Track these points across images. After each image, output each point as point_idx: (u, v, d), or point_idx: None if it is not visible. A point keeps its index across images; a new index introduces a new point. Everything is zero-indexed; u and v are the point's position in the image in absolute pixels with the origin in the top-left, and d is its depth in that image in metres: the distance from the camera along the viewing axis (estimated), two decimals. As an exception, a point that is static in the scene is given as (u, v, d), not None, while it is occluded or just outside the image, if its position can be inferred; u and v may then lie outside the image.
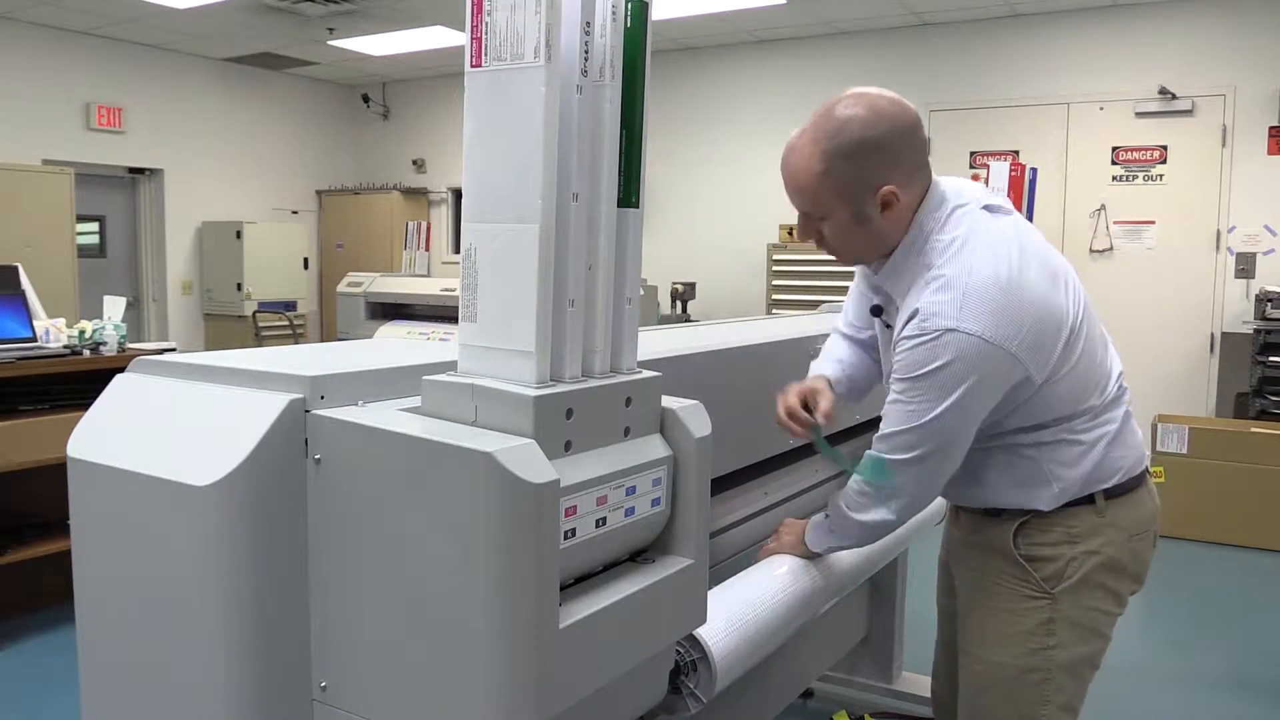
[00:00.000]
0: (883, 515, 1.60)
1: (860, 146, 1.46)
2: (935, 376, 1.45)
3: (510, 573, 0.96)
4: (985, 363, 1.44)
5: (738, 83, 7.84)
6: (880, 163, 1.47)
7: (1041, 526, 1.61)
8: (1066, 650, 1.60)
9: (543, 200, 1.01)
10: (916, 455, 1.51)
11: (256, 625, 1.05)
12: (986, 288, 1.44)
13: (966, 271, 1.45)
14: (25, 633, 3.50)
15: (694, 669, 1.43)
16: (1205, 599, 3.99)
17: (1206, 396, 6.32)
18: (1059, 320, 1.50)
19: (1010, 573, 1.64)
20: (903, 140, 1.48)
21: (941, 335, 1.43)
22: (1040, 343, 1.47)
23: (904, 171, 1.49)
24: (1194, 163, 6.33)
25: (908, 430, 1.50)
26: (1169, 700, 3.07)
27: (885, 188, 1.48)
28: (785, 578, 1.73)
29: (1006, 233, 1.53)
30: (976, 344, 1.42)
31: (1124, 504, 1.61)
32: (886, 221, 1.52)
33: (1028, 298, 1.46)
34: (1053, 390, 1.53)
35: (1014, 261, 1.47)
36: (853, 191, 1.49)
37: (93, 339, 3.67)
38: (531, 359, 1.04)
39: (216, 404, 1.11)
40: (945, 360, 1.43)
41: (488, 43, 1.03)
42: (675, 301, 7.40)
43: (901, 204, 1.50)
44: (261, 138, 9.09)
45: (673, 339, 1.87)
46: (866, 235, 1.54)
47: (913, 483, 1.56)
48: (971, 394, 1.45)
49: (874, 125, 1.46)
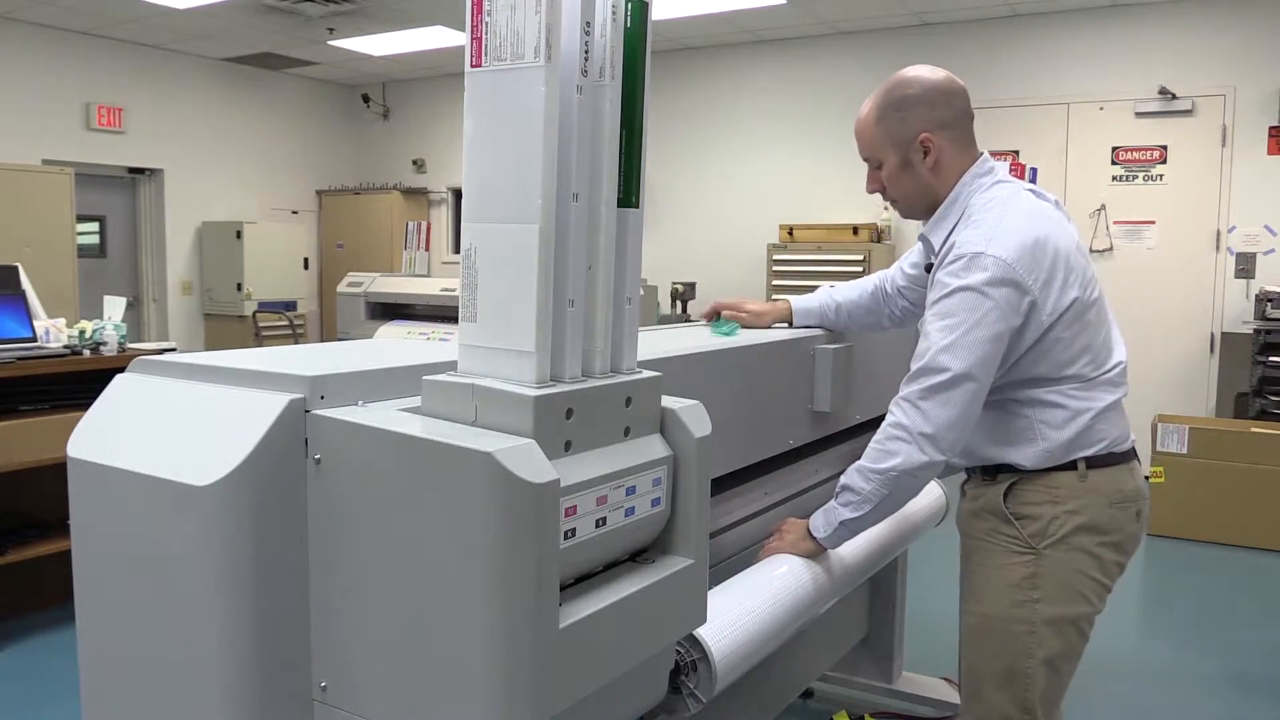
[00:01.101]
0: (912, 455, 1.63)
1: (905, 99, 1.75)
2: (964, 295, 1.62)
3: (510, 573, 0.96)
4: (1006, 284, 1.61)
5: (738, 83, 7.84)
6: (921, 114, 1.74)
7: (1028, 486, 1.75)
8: (1049, 606, 1.72)
9: (543, 200, 1.01)
10: (949, 378, 1.61)
11: (256, 625, 1.05)
12: (1015, 229, 1.65)
13: (998, 220, 1.67)
14: (25, 633, 3.51)
15: (694, 669, 1.43)
16: (1205, 599, 3.99)
17: (1206, 396, 6.32)
18: (1074, 280, 1.68)
19: (1002, 531, 1.77)
20: (942, 98, 1.75)
21: (971, 257, 1.63)
22: (1052, 282, 1.65)
23: (942, 124, 1.75)
24: (1194, 163, 6.33)
25: (940, 350, 1.62)
26: (1169, 700, 3.07)
27: (924, 134, 1.74)
28: (785, 578, 1.73)
29: (1045, 207, 1.75)
30: (1001, 265, 1.61)
31: (1105, 474, 1.74)
32: (930, 171, 1.76)
33: (1049, 247, 1.65)
34: (1052, 343, 1.68)
35: (1043, 223, 1.68)
36: (899, 137, 1.76)
37: (93, 339, 3.67)
38: (531, 359, 1.04)
39: (216, 404, 1.11)
40: (973, 278, 1.62)
41: (488, 43, 1.03)
42: (675, 301, 7.40)
43: (943, 155, 1.75)
44: (261, 138, 9.09)
45: (673, 339, 1.88)
46: (914, 182, 1.79)
47: (942, 411, 1.62)
48: (995, 315, 1.61)
49: (916, 84, 1.75)
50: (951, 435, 1.63)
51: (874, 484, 1.68)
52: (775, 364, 1.97)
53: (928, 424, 1.62)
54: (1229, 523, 4.75)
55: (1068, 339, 1.68)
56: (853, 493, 1.71)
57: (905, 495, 1.70)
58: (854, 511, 1.72)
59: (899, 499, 1.71)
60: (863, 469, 1.70)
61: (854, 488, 1.71)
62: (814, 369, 2.09)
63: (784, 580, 1.72)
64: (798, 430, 2.07)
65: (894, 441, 1.65)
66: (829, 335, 2.16)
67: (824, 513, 1.78)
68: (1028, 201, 1.73)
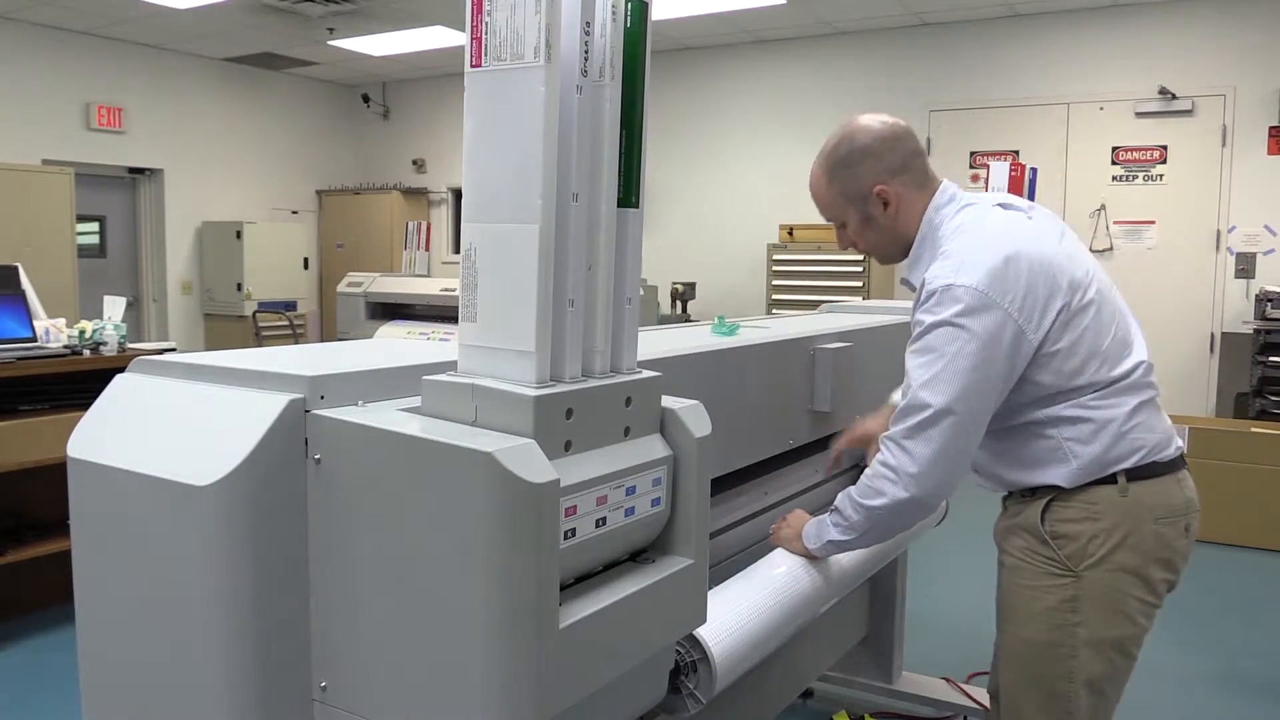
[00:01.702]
0: (897, 494, 1.60)
1: (851, 154, 1.73)
2: (940, 330, 1.58)
3: (510, 573, 0.96)
4: (983, 315, 1.57)
5: (738, 83, 7.84)
6: (869, 167, 1.72)
7: (1066, 504, 1.67)
8: (1091, 629, 1.65)
9: (543, 200, 1.01)
10: (929, 415, 1.57)
11: (256, 625, 1.05)
12: (982, 254, 1.60)
13: (966, 246, 1.63)
14: (25, 633, 3.51)
15: (694, 670, 1.43)
16: (1205, 599, 3.99)
17: (1206, 396, 6.32)
18: (1056, 288, 1.62)
19: (1039, 550, 1.70)
20: (886, 146, 1.72)
21: (942, 291, 1.59)
22: (1030, 297, 1.59)
23: (892, 170, 1.72)
24: (1194, 163, 6.33)
25: (920, 387, 1.58)
26: (1169, 700, 3.08)
27: (878, 186, 1.72)
28: (785, 578, 1.73)
29: (1015, 219, 1.70)
30: (972, 293, 1.57)
31: (1148, 487, 1.66)
32: (892, 218, 1.74)
33: (1021, 263, 1.60)
34: (1055, 358, 1.62)
35: (1012, 239, 1.62)
36: (854, 194, 1.75)
37: (93, 339, 3.67)
38: (531, 359, 1.04)
39: (216, 404, 1.11)
40: (946, 312, 1.58)
41: (488, 43, 1.03)
42: (675, 301, 7.40)
43: (902, 201, 1.73)
44: (261, 138, 9.09)
45: (673, 339, 1.88)
46: (880, 232, 1.77)
47: (925, 449, 1.57)
48: (974, 345, 1.56)
49: (860, 135, 1.73)
50: (937, 472, 1.58)
51: (860, 517, 1.66)
52: (775, 364, 1.97)
53: (913, 463, 1.58)
54: (1229, 523, 4.75)
55: (1067, 348, 1.62)
56: (842, 517, 1.70)
57: (892, 530, 1.68)
58: (842, 535, 1.71)
59: (885, 532, 1.69)
60: (852, 500, 1.67)
61: (843, 513, 1.69)
62: (814, 369, 2.09)
63: (784, 580, 1.72)
64: (798, 430, 2.07)
65: (880, 480, 1.62)
66: (829, 335, 2.16)
67: (817, 524, 1.76)
68: (995, 219, 1.68)
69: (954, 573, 4.20)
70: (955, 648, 3.37)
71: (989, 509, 1.89)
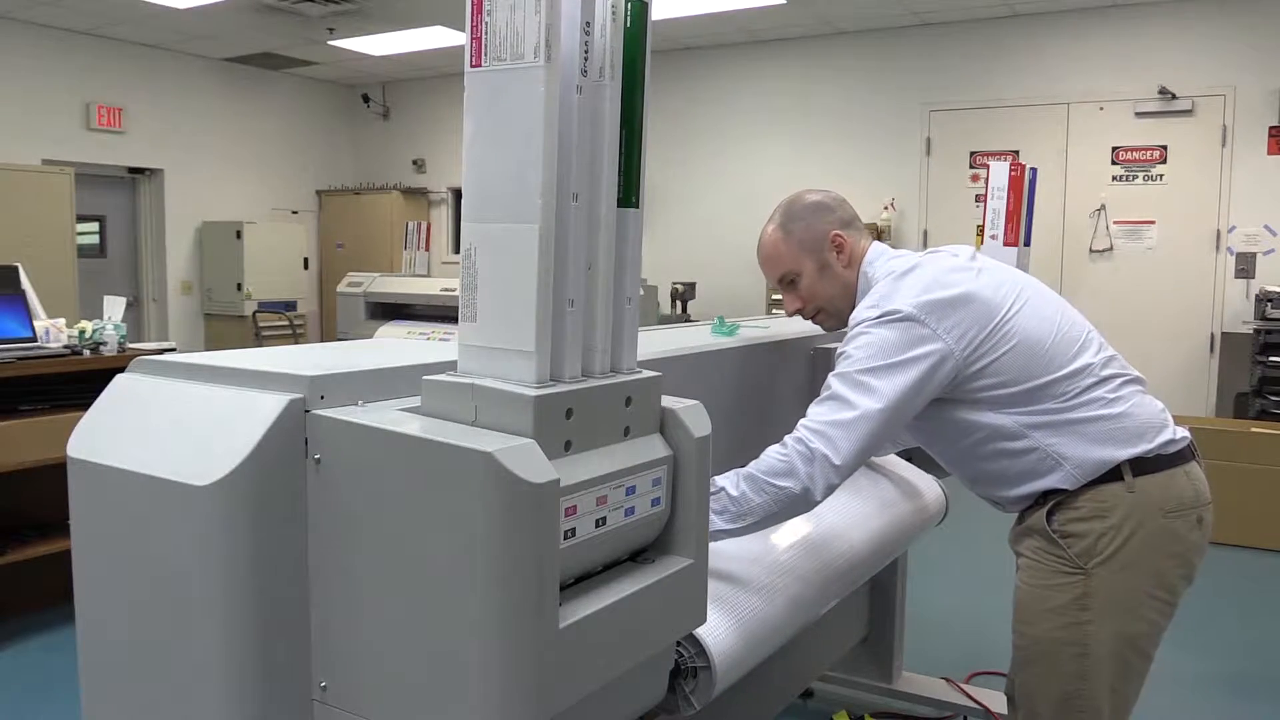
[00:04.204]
0: (811, 480, 1.55)
1: (805, 207, 1.87)
2: (857, 340, 1.66)
3: (510, 573, 0.96)
4: (901, 325, 1.64)
5: (738, 82, 7.84)
6: (824, 216, 1.86)
7: (1073, 503, 1.68)
8: (1103, 626, 1.65)
9: (542, 200, 1.01)
10: (845, 403, 1.59)
11: (256, 625, 1.05)
12: (904, 285, 1.70)
13: (888, 288, 1.72)
14: (25, 633, 3.50)
15: (693, 675, 1.43)
16: (1205, 599, 3.99)
17: (1206, 396, 6.32)
18: (977, 310, 1.67)
19: (1049, 550, 1.71)
20: (834, 202, 1.89)
21: (865, 320, 1.68)
22: (956, 324, 1.65)
23: (842, 222, 1.86)
24: (1194, 163, 6.33)
25: (839, 382, 1.63)
26: (1169, 700, 3.07)
27: (834, 232, 1.84)
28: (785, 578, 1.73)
29: (934, 256, 1.80)
30: (892, 315, 1.65)
31: (1156, 480, 1.66)
32: (845, 268, 1.85)
33: (943, 292, 1.67)
34: (997, 365, 1.67)
35: (930, 271, 1.72)
36: (811, 241, 1.85)
37: (93, 339, 3.67)
38: (531, 359, 1.04)
39: (216, 404, 1.11)
40: (865, 330, 1.66)
41: (488, 43, 1.03)
42: (675, 301, 7.40)
43: (853, 249, 1.85)
44: (261, 138, 9.09)
45: (673, 339, 1.88)
46: (833, 281, 1.86)
47: (852, 446, 1.57)
48: (892, 351, 1.62)
49: (808, 197, 1.89)
50: (854, 463, 1.58)
51: (764, 499, 1.56)
52: (775, 364, 1.97)
53: (837, 455, 1.56)
54: (1229, 523, 4.73)
55: (1008, 353, 1.66)
56: (731, 501, 1.57)
57: (779, 520, 1.61)
58: (728, 524, 1.58)
59: (772, 521, 1.60)
60: (755, 479, 1.57)
61: (735, 495, 1.57)
62: (814, 369, 2.09)
63: (784, 580, 1.71)
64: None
65: (801, 461, 1.56)
66: (829, 335, 2.16)
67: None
68: (922, 262, 1.75)
69: (954, 573, 4.20)
70: (955, 648, 3.37)
71: (988, 509, 1.89)
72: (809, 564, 1.79)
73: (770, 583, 1.70)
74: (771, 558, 1.80)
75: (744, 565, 1.69)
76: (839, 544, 1.90)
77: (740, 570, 1.71)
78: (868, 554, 1.98)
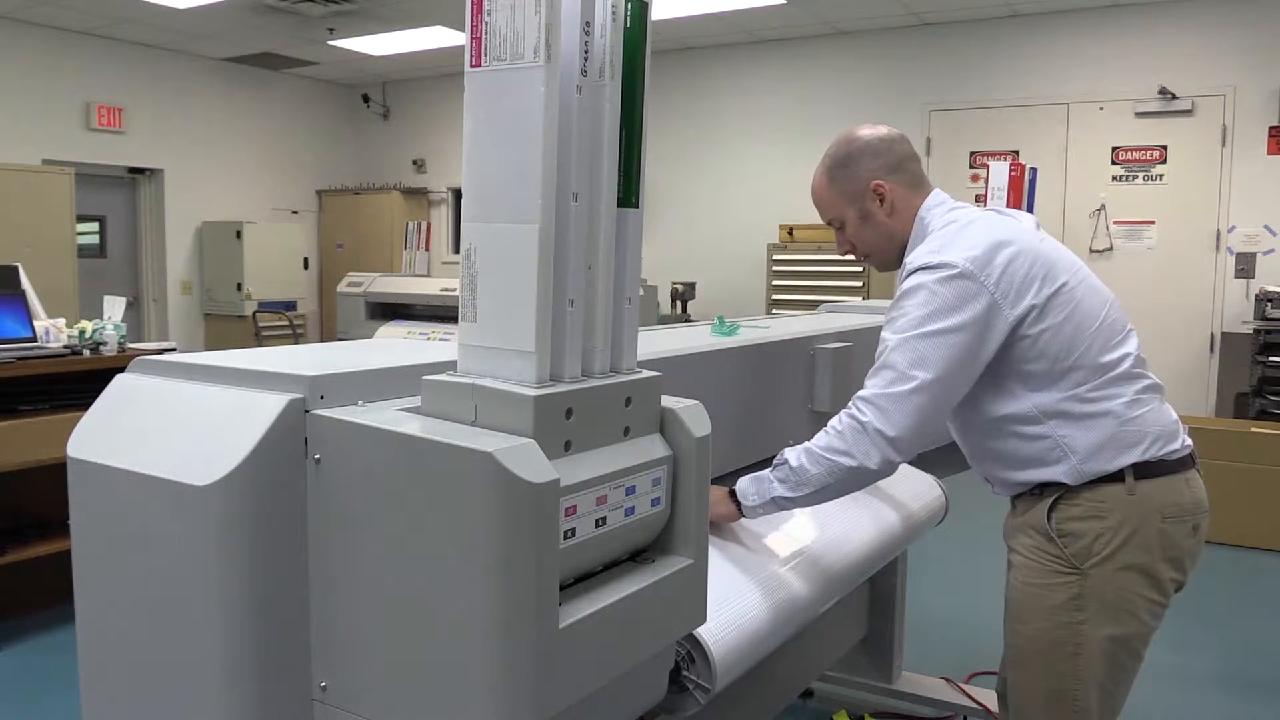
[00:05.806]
0: (868, 454, 1.58)
1: (849, 154, 1.84)
2: (913, 296, 1.64)
3: (510, 573, 0.96)
4: (956, 283, 1.62)
5: (738, 82, 7.84)
6: (866, 164, 1.82)
7: (1073, 502, 1.68)
8: (1096, 628, 1.66)
9: (542, 200, 1.01)
10: (898, 374, 1.60)
11: (256, 625, 1.05)
12: (965, 241, 1.68)
13: (950, 236, 1.71)
14: (25, 633, 3.51)
15: (693, 674, 1.43)
16: (1205, 599, 3.99)
17: (1206, 396, 6.32)
18: (1034, 274, 1.66)
19: (1045, 548, 1.71)
20: (883, 145, 1.83)
21: (920, 270, 1.66)
22: (1010, 282, 1.64)
23: (888, 169, 1.82)
24: (1194, 163, 6.33)
25: (891, 350, 1.62)
26: (1169, 700, 3.07)
27: (875, 181, 1.81)
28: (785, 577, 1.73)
29: (998, 217, 1.78)
30: (947, 269, 1.63)
31: (1156, 485, 1.66)
32: (888, 217, 1.82)
33: (1004, 251, 1.65)
34: (1041, 339, 1.65)
35: (995, 229, 1.70)
36: (852, 190, 1.83)
37: (93, 339, 3.67)
38: (531, 359, 1.04)
39: (216, 404, 1.11)
40: (920, 283, 1.64)
41: (488, 43, 1.03)
42: (675, 301, 7.40)
43: (896, 199, 1.81)
44: (261, 138, 9.09)
45: (673, 339, 1.88)
46: (876, 231, 1.84)
47: (907, 419, 1.58)
48: (945, 314, 1.61)
49: (857, 139, 1.85)
50: (909, 442, 1.60)
51: (819, 470, 1.61)
52: (775, 364, 1.97)
53: (891, 427, 1.58)
54: (1228, 523, 4.75)
55: (1053, 328, 1.65)
56: (792, 471, 1.64)
57: (841, 493, 1.65)
58: (790, 491, 1.64)
59: (834, 494, 1.65)
60: (813, 453, 1.62)
61: (796, 467, 1.63)
62: (814, 369, 2.09)
63: (784, 580, 1.71)
64: (798, 430, 2.06)
65: (855, 436, 1.60)
66: (829, 335, 2.16)
67: (755, 480, 1.69)
68: (979, 216, 1.75)
69: (954, 573, 4.20)
70: (955, 648, 3.37)
71: (988, 509, 1.89)
72: (809, 563, 1.79)
73: (770, 583, 1.70)
74: (772, 558, 1.80)
75: (744, 565, 1.69)
76: (839, 544, 1.90)
77: (740, 570, 1.71)
78: (867, 554, 1.99)
